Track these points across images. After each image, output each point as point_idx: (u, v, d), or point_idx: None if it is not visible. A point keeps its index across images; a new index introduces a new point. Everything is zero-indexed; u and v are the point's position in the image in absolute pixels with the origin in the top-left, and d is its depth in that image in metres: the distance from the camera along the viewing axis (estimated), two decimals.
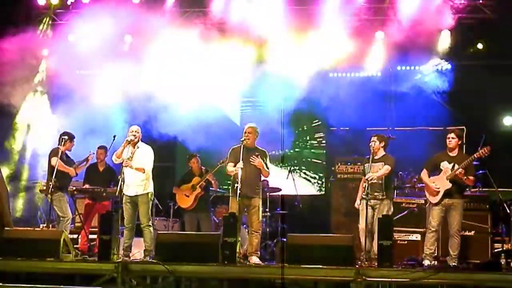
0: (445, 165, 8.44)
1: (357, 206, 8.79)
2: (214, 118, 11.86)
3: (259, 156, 8.69)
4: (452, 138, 8.53)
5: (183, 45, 11.60)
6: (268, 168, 8.83)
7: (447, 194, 8.38)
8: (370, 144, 8.79)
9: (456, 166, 8.33)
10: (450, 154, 8.53)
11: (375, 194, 8.58)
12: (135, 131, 9.00)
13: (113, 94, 11.50)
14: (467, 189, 9.59)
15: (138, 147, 8.98)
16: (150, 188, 8.97)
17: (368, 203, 8.56)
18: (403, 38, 11.27)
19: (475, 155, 8.35)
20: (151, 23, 11.54)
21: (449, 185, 8.33)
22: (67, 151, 9.66)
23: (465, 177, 8.33)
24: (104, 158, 10.15)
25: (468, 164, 8.35)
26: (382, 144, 8.82)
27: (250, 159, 8.65)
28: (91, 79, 11.81)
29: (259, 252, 8.73)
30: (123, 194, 8.81)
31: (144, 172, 8.87)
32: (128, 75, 11.34)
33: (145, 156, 8.98)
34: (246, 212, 8.84)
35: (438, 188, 8.39)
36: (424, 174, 8.67)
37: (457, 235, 8.35)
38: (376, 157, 8.75)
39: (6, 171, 11.23)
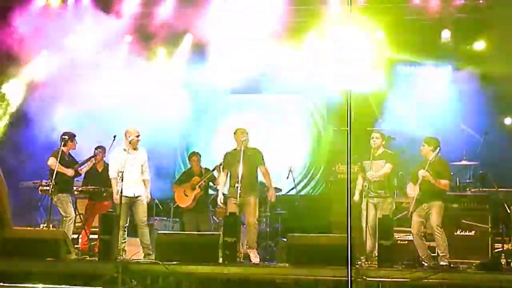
0: (419, 173, 8.38)
1: (356, 199, 8.67)
2: None
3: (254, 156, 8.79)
4: (423, 146, 8.53)
5: None
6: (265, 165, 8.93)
7: (426, 199, 8.34)
8: (372, 141, 8.75)
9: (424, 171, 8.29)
10: (427, 161, 8.42)
11: (379, 192, 8.58)
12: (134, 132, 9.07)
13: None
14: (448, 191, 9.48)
15: (136, 150, 9.06)
16: (148, 189, 9.05)
17: (371, 201, 8.56)
18: (402, 38, 11.25)
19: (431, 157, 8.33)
20: None
21: (417, 192, 8.28)
22: (70, 151, 9.63)
23: (433, 180, 8.22)
24: (102, 158, 10.12)
25: (435, 167, 8.28)
26: (384, 142, 8.84)
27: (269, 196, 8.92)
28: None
29: (256, 248, 8.74)
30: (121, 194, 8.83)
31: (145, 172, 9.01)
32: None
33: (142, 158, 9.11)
34: (243, 211, 8.82)
35: (412, 195, 8.40)
36: (409, 187, 8.69)
37: (438, 232, 8.21)
38: (376, 154, 8.73)
39: None
